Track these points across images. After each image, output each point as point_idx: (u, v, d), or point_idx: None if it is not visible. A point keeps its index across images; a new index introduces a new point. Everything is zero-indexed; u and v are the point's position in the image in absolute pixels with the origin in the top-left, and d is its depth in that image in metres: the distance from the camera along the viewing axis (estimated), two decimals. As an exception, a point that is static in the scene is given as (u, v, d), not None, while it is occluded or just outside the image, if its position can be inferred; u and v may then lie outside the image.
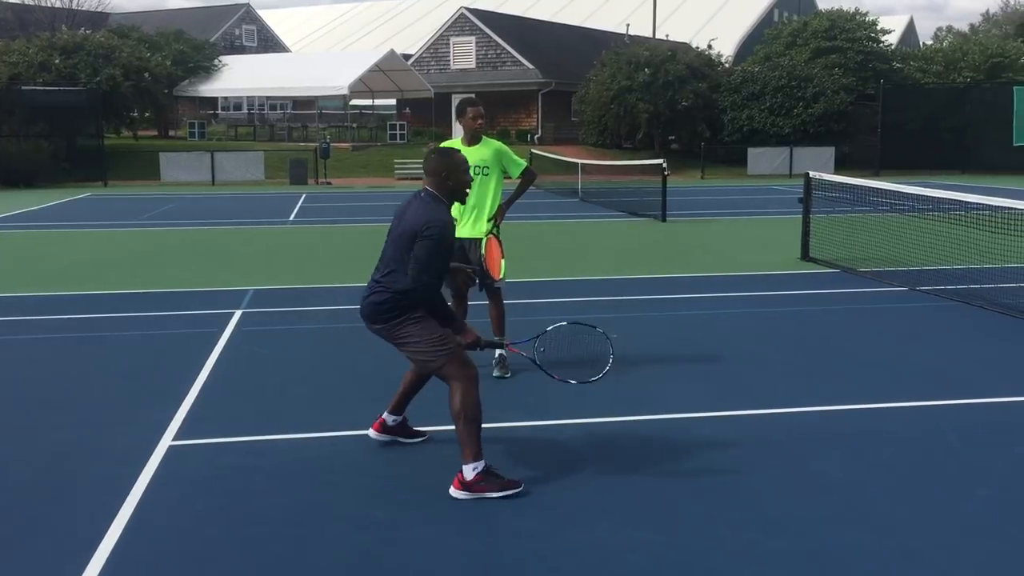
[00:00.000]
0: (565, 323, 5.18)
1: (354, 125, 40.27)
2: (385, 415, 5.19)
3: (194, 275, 11.44)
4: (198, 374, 6.67)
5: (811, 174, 12.77)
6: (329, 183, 29.92)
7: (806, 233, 12.27)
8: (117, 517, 4.25)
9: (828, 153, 33.71)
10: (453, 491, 4.46)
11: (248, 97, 45.17)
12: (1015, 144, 33.05)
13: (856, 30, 37.71)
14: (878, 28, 38.80)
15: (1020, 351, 7.43)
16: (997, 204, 9.69)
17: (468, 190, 4.77)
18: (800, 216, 12.50)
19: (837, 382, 6.49)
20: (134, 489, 4.58)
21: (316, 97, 39.27)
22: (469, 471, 4.45)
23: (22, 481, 4.74)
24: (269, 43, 58.96)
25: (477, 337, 4.70)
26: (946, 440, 5.31)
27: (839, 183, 13.33)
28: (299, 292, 10.26)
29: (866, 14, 39.11)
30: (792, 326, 8.39)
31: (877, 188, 12.66)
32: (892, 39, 43.48)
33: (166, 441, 5.27)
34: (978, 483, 4.65)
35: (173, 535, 4.12)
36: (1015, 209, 9.58)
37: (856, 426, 5.57)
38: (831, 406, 5.93)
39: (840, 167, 32.33)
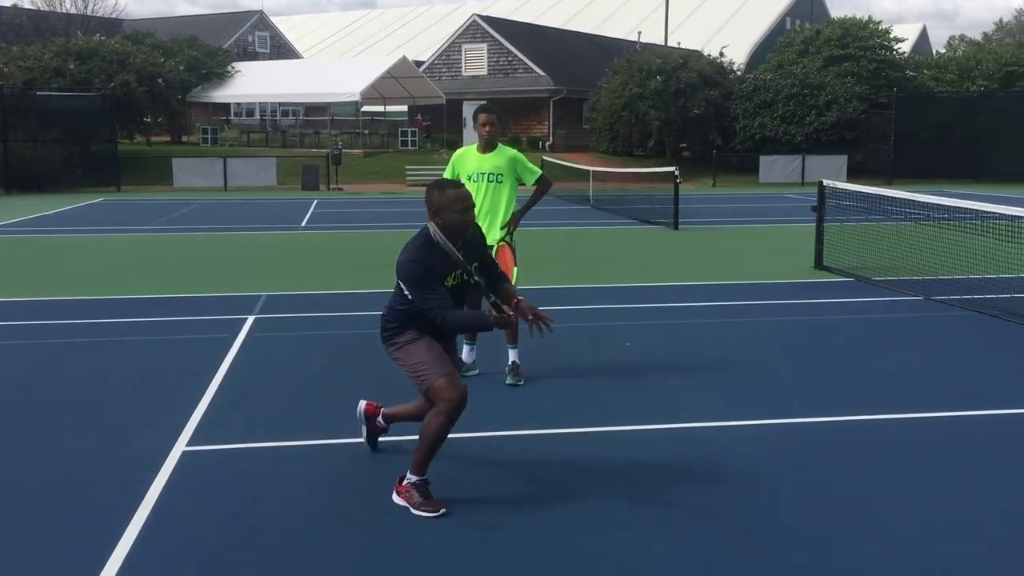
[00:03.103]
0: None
1: (366, 131, 40.33)
2: (380, 416, 5.18)
3: (207, 280, 11.46)
4: (212, 379, 6.67)
5: (825, 182, 12.72)
6: (341, 189, 29.98)
7: (820, 242, 12.22)
8: (131, 523, 4.24)
9: (841, 161, 33.62)
10: (394, 497, 4.51)
11: (260, 103, 45.31)
12: (1029, 153, 32.88)
13: (869, 38, 37.61)
14: (891, 36, 38.69)
15: (1037, 362, 7.37)
16: (1012, 213, 9.63)
17: (465, 228, 4.50)
18: (813, 224, 12.46)
19: (852, 392, 6.44)
20: (148, 495, 4.57)
21: (328, 103, 39.36)
22: (406, 479, 4.49)
23: (37, 485, 4.74)
24: (282, 50, 59.15)
25: (509, 320, 4.55)
26: (964, 452, 5.26)
27: (853, 191, 13.27)
28: (312, 298, 10.27)
29: (879, 22, 39.00)
30: (806, 335, 8.35)
31: (891, 196, 12.60)
32: (905, 47, 43.35)
33: (180, 446, 5.27)
34: (997, 496, 4.60)
35: (187, 542, 4.11)
36: (1031, 218, 9.53)
37: (872, 437, 5.53)
38: (846, 416, 5.88)
39: (852, 175, 32.22)
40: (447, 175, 6.83)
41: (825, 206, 12.38)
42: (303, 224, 19.06)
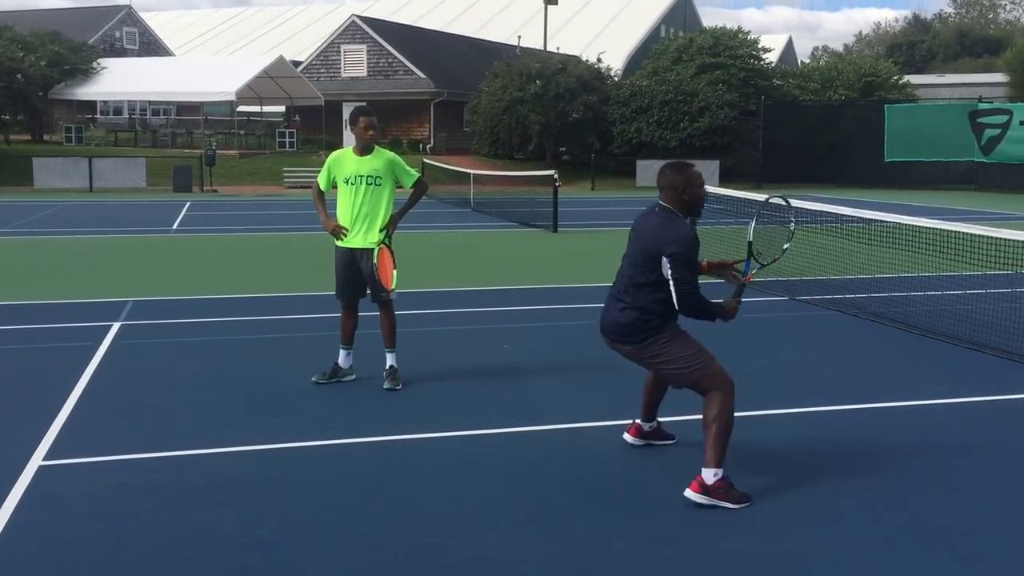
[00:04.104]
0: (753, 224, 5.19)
1: (241, 132, 39.30)
2: (640, 421, 5.30)
3: (69, 286, 10.94)
4: (72, 390, 6.36)
5: (697, 186, 13.06)
6: (215, 191, 29.14)
7: (692, 244, 12.52)
8: (-20, 544, 4.01)
9: (713, 166, 34.65)
10: (690, 493, 4.46)
11: (129, 101, 43.61)
12: (886, 160, 34.69)
13: (739, 48, 38.93)
14: (759, 46, 40.18)
15: (890, 357, 7.76)
16: (869, 217, 10.13)
17: (702, 203, 4.75)
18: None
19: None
20: (0, 512, 4.33)
21: (202, 103, 38.18)
22: (710, 476, 4.46)
23: None
24: (152, 46, 57.07)
25: (733, 306, 4.80)
26: (826, 445, 5.49)
27: (724, 195, 13.70)
28: (182, 303, 9.93)
29: (748, 32, 40.46)
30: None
31: (759, 201, 13.05)
32: (772, 57, 45.07)
33: (36, 461, 5.00)
34: (856, 486, 4.81)
35: (42, 561, 3.90)
36: (886, 222, 10.05)
37: (740, 434, 5.69)
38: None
39: (724, 180, 33.25)
40: (322, 177, 6.71)
41: (697, 209, 12.72)
42: (174, 227, 18.43)
